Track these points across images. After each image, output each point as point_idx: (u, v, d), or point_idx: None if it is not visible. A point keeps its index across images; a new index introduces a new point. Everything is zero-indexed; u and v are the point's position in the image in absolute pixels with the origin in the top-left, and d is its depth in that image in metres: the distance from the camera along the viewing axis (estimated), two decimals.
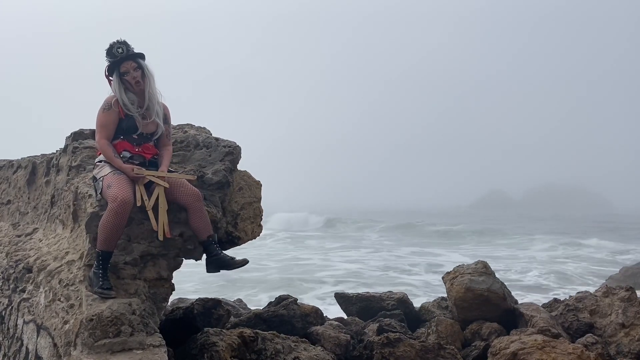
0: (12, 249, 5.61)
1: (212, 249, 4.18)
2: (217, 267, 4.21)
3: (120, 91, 4.07)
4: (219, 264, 4.19)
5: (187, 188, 4.11)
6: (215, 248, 4.20)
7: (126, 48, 4.08)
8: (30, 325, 4.52)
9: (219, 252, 4.20)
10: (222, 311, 5.98)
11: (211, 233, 4.19)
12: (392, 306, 7.40)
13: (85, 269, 3.99)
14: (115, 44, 4.08)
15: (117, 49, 4.06)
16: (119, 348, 3.52)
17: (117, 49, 4.06)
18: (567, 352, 5.19)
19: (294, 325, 6.16)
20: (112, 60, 4.08)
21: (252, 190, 5.03)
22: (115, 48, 4.06)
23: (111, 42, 4.11)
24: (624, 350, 6.04)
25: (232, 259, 4.20)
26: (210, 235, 4.17)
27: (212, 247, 4.18)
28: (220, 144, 4.97)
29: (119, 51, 4.05)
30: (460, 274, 6.85)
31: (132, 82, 4.07)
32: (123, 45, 4.07)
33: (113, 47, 4.07)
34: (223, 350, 4.76)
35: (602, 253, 29.83)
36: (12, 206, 6.86)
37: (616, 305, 6.43)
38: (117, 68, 4.08)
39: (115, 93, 4.09)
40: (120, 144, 4.12)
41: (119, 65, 4.07)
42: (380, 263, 24.77)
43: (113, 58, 4.07)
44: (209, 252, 4.19)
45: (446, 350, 5.55)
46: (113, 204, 3.77)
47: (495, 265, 22.22)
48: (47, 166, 5.76)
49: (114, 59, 4.07)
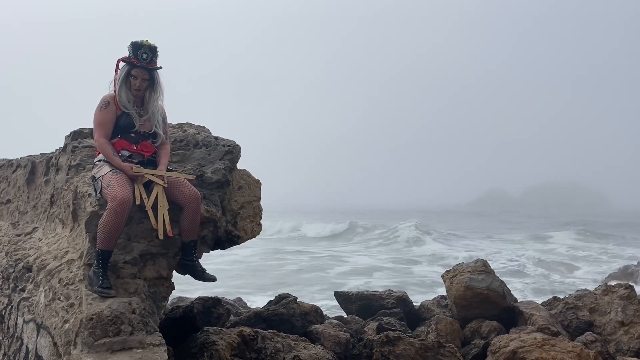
0: (12, 248, 5.61)
1: (190, 253, 4.21)
2: (186, 271, 4.27)
3: (122, 86, 4.06)
4: (189, 270, 4.24)
5: (186, 188, 4.10)
6: (193, 254, 4.23)
7: (152, 57, 4.01)
8: (30, 324, 4.52)
9: (194, 259, 4.23)
10: (222, 310, 5.98)
11: (195, 238, 4.21)
12: (392, 305, 7.40)
13: (85, 268, 3.99)
14: (144, 46, 3.99)
15: (143, 53, 3.98)
16: (119, 347, 3.52)
17: (142, 53, 3.98)
18: (566, 350, 5.19)
19: (294, 324, 6.16)
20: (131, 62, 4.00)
21: (251, 189, 5.03)
22: (142, 51, 3.98)
23: (142, 40, 4.02)
24: (624, 348, 6.05)
25: (202, 272, 4.23)
26: (193, 240, 4.19)
27: (191, 251, 4.21)
28: (219, 143, 4.96)
29: (143, 57, 3.98)
30: (459, 272, 6.86)
31: (135, 86, 4.06)
32: (149, 52, 3.99)
33: (142, 47, 3.99)
34: (223, 349, 4.76)
35: (600, 252, 29.85)
36: (12, 205, 6.85)
37: (615, 304, 6.44)
38: (131, 67, 4.03)
39: (115, 84, 4.07)
40: (119, 142, 4.10)
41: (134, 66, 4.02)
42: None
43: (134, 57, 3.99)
44: (185, 255, 4.22)
45: (446, 348, 5.55)
46: (112, 203, 3.76)
47: (499, 264, 22.13)
48: (47, 165, 5.75)
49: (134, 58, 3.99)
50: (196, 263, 4.23)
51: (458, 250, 30.18)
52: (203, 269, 4.25)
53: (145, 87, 4.10)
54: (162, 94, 4.16)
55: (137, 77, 4.04)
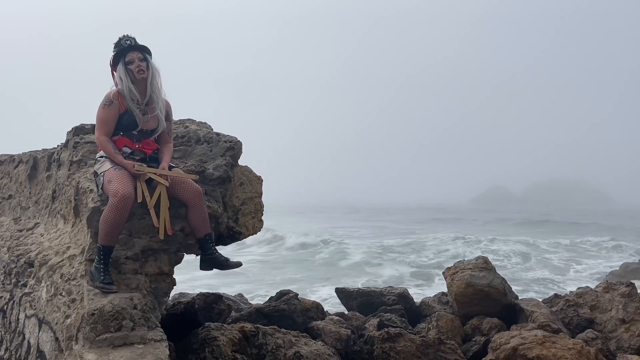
0: (14, 244, 5.62)
1: (208, 247, 4.21)
2: (210, 265, 4.26)
3: (127, 80, 4.08)
4: (213, 263, 4.23)
5: (188, 185, 4.10)
6: (211, 247, 4.22)
7: (134, 41, 4.14)
8: (32, 319, 4.53)
9: (214, 252, 4.22)
10: (223, 306, 6.00)
11: (209, 232, 4.20)
12: (393, 301, 7.41)
13: (87, 264, 4.00)
14: (123, 37, 4.15)
15: (126, 40, 4.11)
16: (120, 342, 3.53)
17: (125, 40, 4.12)
18: (567, 348, 5.19)
19: (295, 320, 6.17)
20: (119, 50, 4.10)
21: (253, 185, 5.03)
22: (123, 40, 4.12)
23: (120, 35, 4.17)
24: (624, 345, 6.05)
25: (226, 260, 4.23)
26: (207, 233, 4.19)
27: (208, 245, 4.21)
28: (221, 139, 4.96)
29: (127, 42, 4.11)
30: (460, 269, 6.86)
31: (136, 70, 4.07)
32: (132, 38, 4.14)
33: (121, 39, 4.14)
34: (224, 344, 4.78)
35: (601, 249, 29.81)
36: (14, 201, 6.86)
37: (616, 301, 6.44)
38: (123, 57, 4.09)
39: (120, 83, 4.09)
40: (120, 140, 4.11)
41: (124, 54, 4.09)
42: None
43: (120, 47, 4.11)
44: (205, 250, 4.22)
45: (446, 345, 5.56)
46: (114, 199, 3.77)
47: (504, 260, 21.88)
48: (49, 161, 5.76)
49: (121, 49, 4.10)
50: (217, 254, 4.22)
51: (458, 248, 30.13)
52: (226, 258, 4.24)
53: (145, 67, 4.11)
54: (158, 74, 4.19)
55: (134, 61, 4.08)
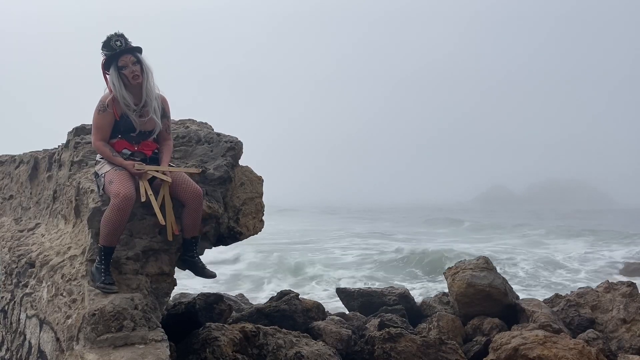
0: (15, 244, 5.63)
1: (191, 249, 4.21)
2: (187, 267, 4.28)
3: (120, 86, 3.94)
4: (190, 266, 4.25)
5: (189, 185, 4.04)
6: (194, 249, 4.22)
7: (124, 41, 3.92)
8: (33, 319, 4.53)
9: (195, 256, 4.23)
10: (224, 306, 6.00)
11: (196, 235, 4.19)
12: (394, 301, 7.42)
13: (88, 264, 4.00)
14: (113, 36, 3.91)
15: (115, 41, 3.88)
16: (121, 343, 3.53)
17: (115, 41, 3.89)
18: (568, 348, 5.19)
19: (296, 320, 6.17)
20: (110, 54, 3.91)
21: (253, 185, 5.03)
22: (113, 41, 3.89)
23: (108, 34, 3.94)
24: (625, 345, 6.05)
25: (203, 268, 4.22)
26: (194, 236, 4.19)
27: (192, 247, 4.21)
28: (222, 139, 4.96)
29: (117, 44, 3.88)
30: (461, 269, 6.86)
31: (130, 76, 3.92)
32: (121, 38, 3.91)
33: (111, 39, 3.90)
34: (225, 345, 4.78)
35: (605, 251, 29.77)
36: (15, 201, 6.87)
37: (617, 301, 6.44)
38: (115, 62, 3.92)
39: (113, 89, 3.95)
40: (119, 142, 4.04)
41: (117, 58, 3.91)
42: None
43: (111, 51, 3.90)
44: (186, 251, 4.22)
45: (447, 345, 5.56)
46: (115, 200, 3.75)
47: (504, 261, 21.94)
48: (49, 161, 5.76)
49: (112, 52, 3.90)
50: (197, 259, 4.24)
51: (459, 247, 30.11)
52: (204, 265, 4.25)
53: (140, 71, 3.94)
54: (151, 74, 4.03)
55: (127, 65, 3.91)
